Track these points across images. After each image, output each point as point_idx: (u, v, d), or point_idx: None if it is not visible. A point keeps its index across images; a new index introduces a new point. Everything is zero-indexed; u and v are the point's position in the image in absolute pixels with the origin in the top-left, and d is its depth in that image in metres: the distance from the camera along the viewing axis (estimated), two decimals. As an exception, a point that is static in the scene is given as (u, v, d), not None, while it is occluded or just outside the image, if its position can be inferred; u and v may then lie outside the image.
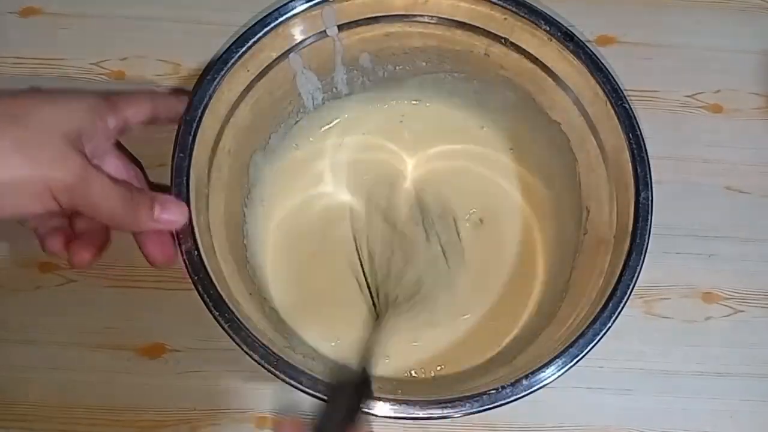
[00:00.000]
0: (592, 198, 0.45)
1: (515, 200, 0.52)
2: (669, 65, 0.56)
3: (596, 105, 0.43)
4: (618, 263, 0.40)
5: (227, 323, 0.38)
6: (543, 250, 0.50)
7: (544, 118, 0.48)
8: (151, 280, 0.50)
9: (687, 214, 0.52)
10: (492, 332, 0.48)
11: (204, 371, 0.48)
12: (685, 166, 0.54)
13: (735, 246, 0.52)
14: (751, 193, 0.53)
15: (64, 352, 0.48)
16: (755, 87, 0.56)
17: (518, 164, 0.53)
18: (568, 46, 0.43)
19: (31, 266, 0.50)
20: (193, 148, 0.41)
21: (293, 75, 0.47)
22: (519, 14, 0.43)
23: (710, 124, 0.55)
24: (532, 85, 0.47)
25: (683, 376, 0.49)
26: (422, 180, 0.52)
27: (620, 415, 0.48)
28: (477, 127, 0.53)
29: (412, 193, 0.51)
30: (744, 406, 0.49)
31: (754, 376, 0.49)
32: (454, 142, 0.53)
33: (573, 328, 0.39)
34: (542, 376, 0.37)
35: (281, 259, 0.50)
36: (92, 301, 0.49)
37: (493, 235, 0.51)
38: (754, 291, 0.51)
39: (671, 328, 0.50)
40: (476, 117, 0.53)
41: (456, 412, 0.37)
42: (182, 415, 0.47)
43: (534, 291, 0.49)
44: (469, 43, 0.47)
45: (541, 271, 0.50)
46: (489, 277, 0.50)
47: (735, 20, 0.57)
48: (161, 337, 0.49)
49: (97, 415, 0.47)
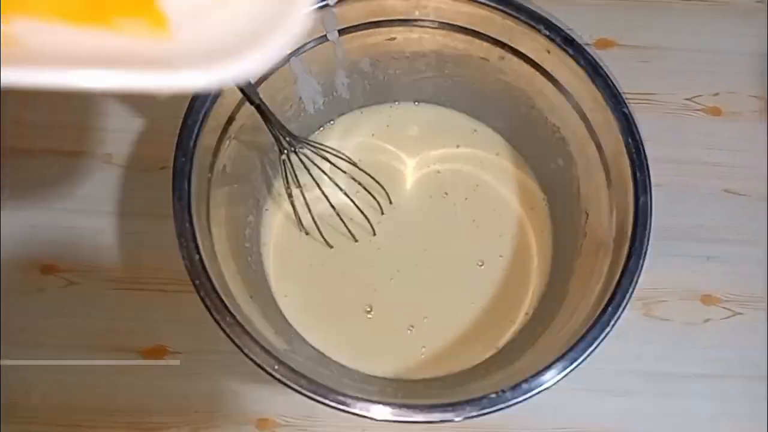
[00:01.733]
0: (591, 202, 0.45)
1: (514, 203, 0.52)
2: (668, 68, 0.56)
3: (596, 110, 0.43)
4: (617, 267, 0.40)
5: (228, 327, 0.38)
6: (542, 254, 0.51)
7: (544, 122, 0.48)
8: (153, 282, 0.50)
9: (686, 217, 0.52)
10: (489, 334, 0.48)
11: (205, 373, 0.48)
12: (684, 168, 0.54)
13: (734, 248, 0.52)
14: (749, 195, 0.53)
15: (66, 354, 0.48)
16: (754, 90, 0.56)
17: (517, 168, 0.53)
18: (567, 50, 0.43)
19: (33, 268, 0.50)
20: (195, 152, 0.41)
21: (294, 79, 0.47)
22: (518, 19, 0.43)
23: (709, 127, 0.55)
24: (531, 89, 0.47)
25: (682, 378, 0.49)
26: (422, 181, 0.52)
27: (620, 417, 0.49)
28: (476, 130, 0.53)
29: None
30: (743, 408, 0.49)
31: (753, 378, 0.49)
32: (453, 146, 0.53)
33: (573, 332, 0.39)
34: (542, 379, 0.37)
35: (283, 261, 0.50)
36: (94, 304, 0.49)
37: (492, 238, 0.51)
38: (752, 293, 0.51)
39: (670, 330, 0.50)
40: (475, 120, 0.53)
41: (456, 416, 0.37)
42: (184, 417, 0.47)
43: (532, 294, 0.49)
44: (469, 48, 0.47)
45: (540, 274, 0.50)
46: (487, 279, 0.50)
47: (734, 23, 0.58)
48: (163, 339, 0.49)
49: (98, 417, 0.47)
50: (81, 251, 0.51)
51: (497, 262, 0.50)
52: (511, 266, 0.50)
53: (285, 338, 0.45)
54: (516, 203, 0.52)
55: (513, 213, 0.52)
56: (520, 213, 0.52)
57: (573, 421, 0.48)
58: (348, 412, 0.37)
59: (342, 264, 0.50)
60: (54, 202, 0.52)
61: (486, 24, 0.45)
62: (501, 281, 0.50)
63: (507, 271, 0.50)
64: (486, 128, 0.54)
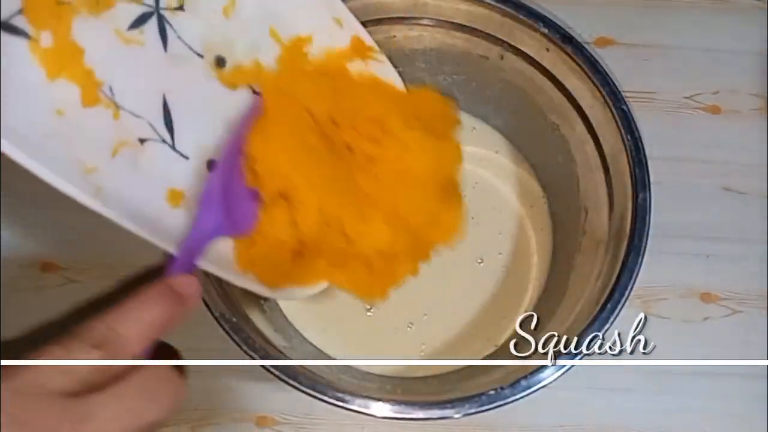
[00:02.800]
0: (591, 199, 0.45)
1: (513, 201, 0.52)
2: (667, 66, 0.56)
3: (595, 107, 0.43)
4: (616, 264, 0.40)
5: (227, 323, 0.38)
6: (542, 251, 0.51)
7: (543, 119, 0.48)
8: (152, 280, 0.50)
9: (685, 215, 0.52)
10: (488, 332, 0.48)
11: (204, 370, 0.48)
12: (684, 166, 0.54)
13: (733, 246, 0.52)
14: (749, 193, 0.53)
15: (65, 352, 0.48)
16: (753, 88, 0.56)
17: (516, 165, 0.53)
18: (566, 48, 0.43)
19: (33, 266, 0.50)
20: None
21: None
22: (518, 16, 0.43)
23: (708, 125, 0.55)
24: (530, 87, 0.47)
25: (682, 376, 0.49)
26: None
27: (619, 415, 0.49)
28: (474, 128, 0.53)
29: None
30: (742, 406, 0.49)
31: (752, 377, 0.49)
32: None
33: (571, 330, 0.39)
34: (541, 376, 0.37)
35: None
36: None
37: (491, 235, 0.51)
38: (752, 291, 0.51)
39: (670, 328, 0.50)
40: (474, 118, 0.53)
41: (455, 413, 0.37)
42: (183, 415, 0.47)
43: (531, 291, 0.49)
44: (468, 46, 0.47)
45: (540, 271, 0.50)
46: (486, 276, 0.50)
47: (733, 21, 0.58)
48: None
49: (98, 414, 0.47)
50: (81, 249, 0.51)
51: (497, 260, 0.50)
52: (511, 263, 0.50)
53: (284, 335, 0.45)
54: (515, 201, 0.52)
55: (512, 210, 0.52)
56: (520, 210, 0.52)
57: (571, 418, 0.48)
58: (347, 409, 0.37)
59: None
60: (54, 200, 0.51)
61: (485, 22, 0.45)
62: (501, 278, 0.50)
63: (507, 269, 0.50)
64: (485, 126, 0.54)
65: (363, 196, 0.39)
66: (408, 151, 0.40)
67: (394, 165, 0.40)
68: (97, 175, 0.32)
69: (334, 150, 0.39)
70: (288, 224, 0.37)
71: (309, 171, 0.37)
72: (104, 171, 0.32)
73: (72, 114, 0.32)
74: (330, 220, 0.38)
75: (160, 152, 0.36)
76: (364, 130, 0.40)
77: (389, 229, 0.39)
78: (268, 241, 0.37)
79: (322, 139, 0.38)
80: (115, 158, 0.33)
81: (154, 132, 0.36)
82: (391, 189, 0.40)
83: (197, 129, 0.37)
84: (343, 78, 0.41)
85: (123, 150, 0.34)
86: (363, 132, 0.40)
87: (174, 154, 0.36)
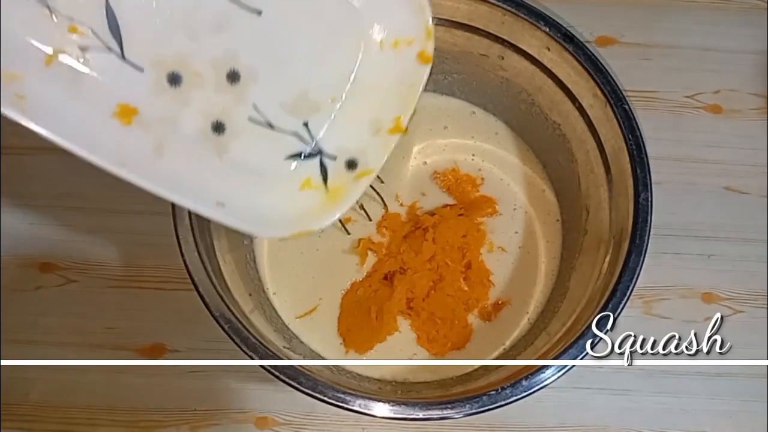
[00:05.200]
0: (592, 199, 0.45)
1: (515, 200, 0.52)
2: (669, 66, 0.56)
3: (596, 106, 0.43)
4: (617, 264, 0.40)
5: (227, 324, 0.38)
6: (542, 251, 0.50)
7: (544, 119, 0.48)
8: (151, 280, 0.50)
9: (686, 215, 0.52)
10: (492, 333, 0.48)
11: (204, 371, 0.48)
12: (684, 166, 0.54)
13: (734, 246, 0.52)
14: (750, 193, 0.53)
15: (64, 352, 0.48)
16: (754, 88, 0.56)
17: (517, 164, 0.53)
18: (567, 47, 0.43)
19: (32, 266, 0.50)
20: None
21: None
22: (519, 15, 0.43)
23: (709, 124, 0.55)
24: (531, 86, 0.47)
25: (683, 376, 0.49)
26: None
27: (620, 415, 0.48)
28: (472, 126, 0.53)
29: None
30: (743, 406, 0.49)
31: (753, 377, 0.49)
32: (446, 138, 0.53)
33: (573, 329, 0.39)
34: (542, 376, 0.37)
35: (281, 259, 0.50)
36: (93, 302, 0.49)
37: (497, 235, 0.51)
38: (753, 291, 0.51)
39: (671, 328, 0.50)
40: (473, 116, 0.53)
41: (456, 413, 0.37)
42: (183, 416, 0.47)
43: (533, 291, 0.49)
44: (469, 44, 0.47)
45: (541, 271, 0.50)
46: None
47: (734, 21, 0.58)
48: (162, 337, 0.49)
49: (97, 415, 0.47)
50: (80, 249, 0.50)
51: (497, 260, 0.50)
52: (512, 263, 0.50)
53: (284, 336, 0.45)
54: (516, 199, 0.51)
55: (514, 210, 0.51)
56: (521, 209, 0.51)
57: (573, 418, 0.48)
58: (348, 410, 0.37)
59: (340, 260, 0.50)
60: (53, 200, 0.52)
61: (486, 20, 0.45)
62: (502, 278, 0.50)
63: (508, 268, 0.50)
64: (484, 125, 0.53)
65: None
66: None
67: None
68: (19, 83, 0.29)
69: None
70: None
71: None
72: (32, 80, 0.29)
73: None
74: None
75: (105, 62, 0.32)
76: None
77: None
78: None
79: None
80: (50, 67, 0.30)
81: (97, 39, 0.31)
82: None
83: (152, 36, 0.33)
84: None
85: (61, 58, 0.30)
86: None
87: (123, 64, 0.32)
